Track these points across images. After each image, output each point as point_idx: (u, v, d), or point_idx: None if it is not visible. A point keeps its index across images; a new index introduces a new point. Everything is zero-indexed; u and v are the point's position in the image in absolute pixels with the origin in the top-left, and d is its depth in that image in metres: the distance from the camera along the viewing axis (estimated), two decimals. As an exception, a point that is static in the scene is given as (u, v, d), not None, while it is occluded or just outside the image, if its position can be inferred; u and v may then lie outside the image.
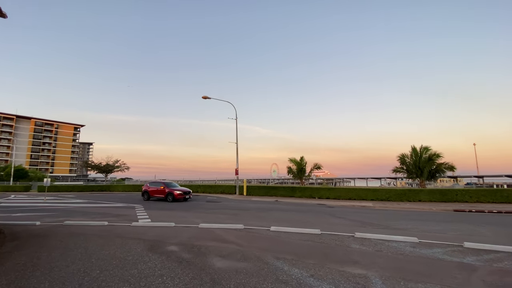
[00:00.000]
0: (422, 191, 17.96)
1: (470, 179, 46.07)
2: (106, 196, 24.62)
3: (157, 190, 18.57)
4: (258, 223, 8.86)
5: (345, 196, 19.39)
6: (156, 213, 11.90)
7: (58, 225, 8.50)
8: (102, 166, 42.17)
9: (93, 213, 11.97)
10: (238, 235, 6.95)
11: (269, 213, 12.02)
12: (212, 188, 28.52)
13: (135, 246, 5.76)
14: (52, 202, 17.92)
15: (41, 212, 12.23)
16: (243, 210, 13.02)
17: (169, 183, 19.84)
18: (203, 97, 22.62)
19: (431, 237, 6.94)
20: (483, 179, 41.39)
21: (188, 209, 13.59)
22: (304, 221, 9.54)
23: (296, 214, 11.71)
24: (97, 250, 5.44)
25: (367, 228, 8.34)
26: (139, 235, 6.96)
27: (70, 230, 7.64)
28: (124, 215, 11.20)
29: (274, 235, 6.94)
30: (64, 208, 13.99)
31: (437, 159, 19.97)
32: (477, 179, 46.67)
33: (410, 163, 21.20)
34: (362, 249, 5.64)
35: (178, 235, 6.88)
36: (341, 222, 9.44)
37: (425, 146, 20.76)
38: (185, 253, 5.19)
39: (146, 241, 6.19)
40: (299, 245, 5.92)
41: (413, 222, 9.61)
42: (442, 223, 9.66)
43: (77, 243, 6.09)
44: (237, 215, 11.33)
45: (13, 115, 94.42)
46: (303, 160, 24.96)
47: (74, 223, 8.74)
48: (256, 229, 7.71)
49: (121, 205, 15.57)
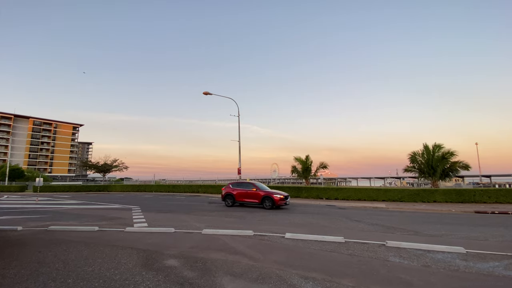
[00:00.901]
0: (437, 191, 16.93)
1: (473, 179, 45.31)
2: (103, 197, 23.61)
3: (247, 193, 14.12)
4: (269, 228, 7.82)
5: (355, 197, 18.36)
6: (154, 216, 10.87)
7: (41, 231, 7.46)
8: (100, 166, 41.09)
9: (85, 215, 10.94)
10: (248, 243, 5.91)
11: (278, 215, 10.98)
12: (214, 188, 27.49)
13: (127, 259, 4.73)
14: (44, 203, 16.89)
15: (29, 215, 11.20)
16: (249, 212, 11.99)
17: (258, 183, 15.60)
18: (204, 93, 21.58)
19: (476, 246, 5.92)
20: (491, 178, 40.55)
21: (189, 211, 12.57)
22: (319, 226, 8.52)
23: (308, 216, 10.68)
24: (78, 265, 4.41)
25: (394, 234, 7.31)
26: (133, 243, 5.92)
27: (53, 237, 6.61)
28: (118, 218, 10.17)
29: (291, 244, 5.91)
30: (55, 210, 12.96)
31: (451, 158, 18.94)
32: (479, 179, 45.94)
33: (422, 162, 20.16)
34: (404, 263, 4.60)
35: (179, 244, 5.85)
36: (361, 227, 8.41)
37: (438, 143, 19.73)
38: (187, 269, 4.16)
39: (140, 252, 5.16)
40: (325, 258, 4.88)
41: (442, 227, 8.58)
42: (473, 227, 8.64)
43: (57, 254, 5.05)
44: (243, 218, 10.30)
45: (11, 115, 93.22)
46: (309, 159, 23.93)
47: (60, 228, 7.70)
48: (269, 236, 6.67)
49: (117, 207, 14.55)
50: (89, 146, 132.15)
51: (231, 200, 14.50)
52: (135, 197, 22.63)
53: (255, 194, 13.77)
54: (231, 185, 15.24)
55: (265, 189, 14.19)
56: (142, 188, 33.62)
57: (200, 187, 28.79)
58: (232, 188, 14.90)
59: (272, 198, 13.08)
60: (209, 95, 21.71)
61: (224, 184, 31.91)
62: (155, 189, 32.17)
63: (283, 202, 13.17)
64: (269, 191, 13.64)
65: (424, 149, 20.13)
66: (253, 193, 13.88)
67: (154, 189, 32.21)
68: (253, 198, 13.81)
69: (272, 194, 13.26)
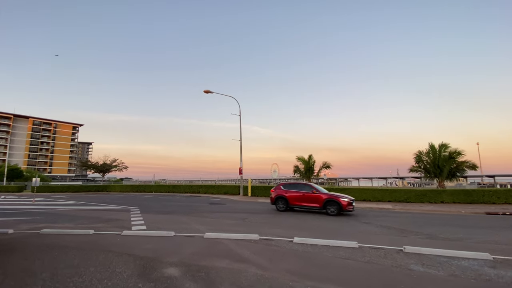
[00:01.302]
0: (445, 191, 16.47)
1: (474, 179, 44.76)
2: (102, 197, 23.17)
3: (304, 196, 12.04)
4: (275, 232, 7.38)
5: (359, 197, 17.88)
6: (153, 217, 10.43)
7: (33, 234, 7.02)
8: (99, 166, 40.64)
9: (81, 217, 10.49)
10: (255, 249, 5.46)
11: (282, 217, 10.54)
12: (215, 188, 27.05)
13: (122, 267, 4.28)
14: (40, 204, 16.45)
15: (23, 216, 10.76)
16: (252, 214, 11.55)
17: (315, 185, 13.47)
18: (205, 91, 21.14)
19: (501, 251, 5.47)
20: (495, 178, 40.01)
21: (189, 212, 12.12)
22: (328, 228, 8.07)
23: (314, 218, 10.24)
24: (68, 274, 3.96)
25: (408, 238, 6.86)
26: (129, 249, 5.48)
27: (45, 242, 6.16)
28: (116, 219, 9.73)
29: (301, 249, 5.46)
30: (51, 211, 12.52)
31: (458, 157, 18.49)
32: (480, 179, 45.31)
33: (428, 162, 19.71)
34: (428, 272, 4.16)
35: (179, 250, 5.40)
36: (373, 230, 7.96)
37: (444, 143, 19.28)
38: (189, 280, 3.72)
39: (137, 259, 4.71)
40: (341, 266, 4.43)
41: (457, 230, 8.13)
42: (490, 229, 8.20)
43: (46, 262, 4.61)
44: (246, 220, 9.85)
45: (11, 114, 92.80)
46: (312, 159, 23.49)
47: (53, 231, 7.25)
48: (276, 241, 6.22)
49: (115, 208, 14.11)
50: (89, 146, 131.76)
51: (284, 203, 12.47)
52: (134, 198, 22.20)
53: (316, 198, 11.74)
54: (282, 187, 13.14)
55: (325, 192, 12.13)
56: (141, 188, 33.18)
57: (201, 187, 28.35)
58: (283, 189, 12.81)
59: (338, 203, 11.02)
60: (210, 93, 21.27)
61: (227, 185, 31.45)
62: (155, 189, 31.73)
63: (351, 208, 11.21)
64: (333, 194, 11.63)
65: (430, 149, 19.68)
66: (313, 196, 11.86)
67: (154, 189, 31.77)
68: (313, 202, 11.78)
69: (338, 197, 11.25)
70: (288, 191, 12.64)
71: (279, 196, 12.72)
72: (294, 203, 12.27)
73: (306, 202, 11.99)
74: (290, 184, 13.46)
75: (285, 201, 12.45)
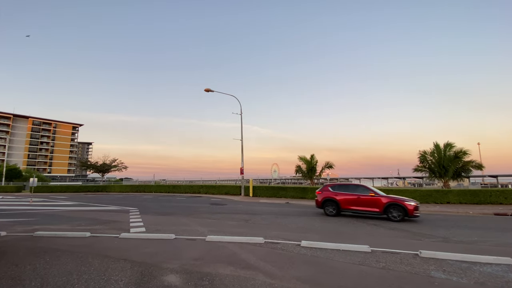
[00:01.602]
0: (451, 192, 16.14)
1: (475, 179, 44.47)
2: (101, 198, 22.84)
3: (360, 199, 10.61)
4: (281, 234, 7.04)
5: (363, 198, 17.53)
6: (152, 219, 10.10)
7: (26, 237, 6.68)
8: (98, 166, 40.29)
9: (78, 218, 10.16)
10: (261, 254, 5.13)
11: (287, 218, 10.20)
12: (215, 188, 26.72)
13: (118, 275, 3.95)
14: (38, 204, 16.12)
15: (18, 218, 10.43)
16: (255, 215, 11.21)
17: (371, 186, 12.18)
18: (206, 90, 20.81)
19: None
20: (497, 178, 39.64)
21: (190, 213, 11.79)
22: (335, 231, 7.74)
23: (320, 220, 9.90)
24: (59, 283, 3.63)
25: (422, 241, 6.53)
26: (127, 253, 5.14)
27: (38, 245, 5.83)
28: (114, 221, 9.39)
29: (309, 254, 5.12)
30: (47, 212, 12.18)
31: (463, 157, 18.15)
32: (481, 179, 44.99)
33: (433, 162, 19.36)
34: (452, 280, 3.82)
35: (180, 254, 5.07)
36: (382, 232, 7.63)
37: (449, 142, 18.93)
38: (192, 290, 3.38)
39: (135, 265, 4.38)
40: (356, 273, 4.09)
41: (470, 232, 7.80)
42: (503, 232, 7.88)
43: (37, 268, 4.28)
44: (250, 221, 9.52)
45: (10, 114, 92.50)
46: (314, 159, 23.14)
47: (47, 234, 6.91)
48: (282, 244, 5.89)
49: (114, 208, 13.78)
50: (89, 146, 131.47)
51: (335, 208, 10.98)
52: (134, 198, 21.87)
53: (374, 201, 10.31)
54: (330, 188, 11.61)
55: (383, 194, 10.65)
56: (141, 188, 32.85)
57: (201, 188, 28.01)
58: (333, 191, 11.34)
59: (403, 207, 9.66)
60: (210, 91, 20.94)
61: (228, 185, 30.92)
62: (154, 190, 31.40)
63: (417, 213, 9.83)
64: (395, 197, 10.27)
65: (435, 148, 19.33)
66: (370, 199, 10.42)
67: (153, 190, 31.44)
68: (370, 206, 10.35)
69: (403, 201, 9.88)
70: (339, 193, 11.17)
71: (328, 199, 11.28)
72: (347, 207, 10.82)
73: (362, 206, 10.55)
74: (340, 185, 12.09)
75: (335, 205, 11.00)
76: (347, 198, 10.91)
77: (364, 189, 11.10)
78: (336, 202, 11.04)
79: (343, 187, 11.79)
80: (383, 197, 10.36)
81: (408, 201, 9.93)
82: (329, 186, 11.87)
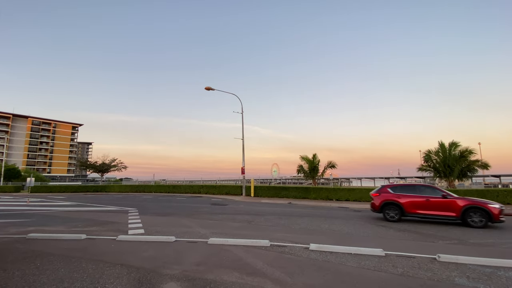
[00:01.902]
0: (457, 192, 15.76)
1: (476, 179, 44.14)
2: (100, 198, 22.50)
3: (430, 202, 9.19)
4: (287, 236, 6.69)
5: (368, 198, 17.15)
6: (152, 219, 9.75)
7: (19, 239, 6.34)
8: (97, 166, 39.90)
9: (75, 219, 9.82)
10: (268, 258, 4.78)
11: (291, 219, 9.85)
12: (216, 188, 26.36)
13: (113, 282, 3.60)
14: (35, 205, 15.77)
15: (13, 218, 10.08)
16: (258, 215, 10.86)
17: (441, 188, 10.82)
18: (206, 88, 20.46)
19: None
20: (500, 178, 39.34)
21: (191, 214, 11.44)
22: (343, 233, 7.38)
23: (325, 221, 9.54)
24: (48, 292, 3.29)
25: (436, 243, 6.19)
26: (124, 257, 4.80)
27: (30, 248, 5.48)
28: (112, 222, 9.05)
29: (320, 259, 4.77)
30: (44, 213, 11.84)
31: (469, 156, 17.80)
32: (482, 179, 44.70)
33: (437, 161, 19.00)
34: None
35: (181, 259, 4.72)
36: (393, 234, 7.27)
37: (454, 141, 18.57)
38: (194, 301, 3.04)
39: (132, 271, 4.03)
40: (374, 281, 3.74)
41: (484, 233, 7.45)
42: (520, 234, 7.51)
43: (25, 275, 3.94)
44: (253, 222, 9.17)
45: (10, 114, 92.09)
46: (316, 158, 22.78)
47: (41, 236, 6.57)
48: (290, 247, 5.54)
49: (113, 209, 13.44)
50: (89, 146, 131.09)
51: (397, 212, 9.55)
52: (133, 198, 21.52)
53: (448, 204, 8.92)
54: (390, 190, 10.17)
55: (457, 196, 9.26)
56: (141, 188, 32.50)
57: (202, 188, 27.66)
58: (393, 193, 9.90)
59: (486, 210, 8.36)
60: (211, 90, 20.60)
61: (229, 185, 30.56)
62: (154, 190, 31.06)
63: (503, 217, 8.45)
64: (475, 200, 8.93)
65: (440, 148, 18.96)
66: (443, 202, 9.03)
67: (153, 190, 31.10)
68: (444, 209, 8.97)
69: (485, 203, 8.57)
70: (402, 195, 9.72)
71: (389, 202, 9.83)
72: (413, 211, 9.37)
73: (432, 210, 9.14)
74: (403, 186, 10.51)
75: (398, 209, 9.56)
76: (413, 201, 9.46)
77: (433, 190, 9.79)
78: (398, 206, 9.59)
79: (406, 188, 10.27)
80: (459, 199, 9.04)
81: (492, 204, 8.62)
82: (388, 187, 10.50)
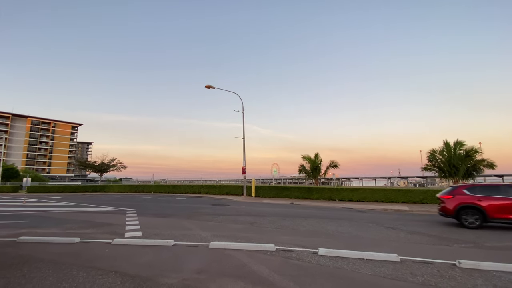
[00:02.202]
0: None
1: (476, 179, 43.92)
2: (98, 198, 22.14)
3: None
4: (292, 240, 6.33)
5: (371, 198, 16.87)
6: (150, 221, 9.39)
7: (8, 243, 5.98)
8: (96, 165, 39.53)
9: (70, 221, 9.46)
10: (274, 265, 4.42)
11: (295, 221, 9.49)
12: (216, 188, 26.00)
13: (105, 293, 3.24)
14: (31, 205, 15.41)
15: (6, 220, 9.72)
16: (260, 217, 10.51)
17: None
18: (206, 86, 20.11)
19: None
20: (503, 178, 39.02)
21: (191, 215, 11.08)
22: (351, 235, 7.02)
23: (331, 222, 9.18)
24: (30, 306, 2.93)
25: (451, 247, 5.84)
26: (119, 264, 4.44)
27: (19, 253, 5.13)
28: (108, 224, 8.68)
29: (331, 265, 4.41)
30: (39, 214, 11.48)
31: (475, 155, 17.44)
32: (483, 179, 44.53)
33: (442, 160, 18.64)
34: (514, 301, 3.12)
35: (180, 265, 4.36)
36: (404, 237, 6.91)
37: (459, 140, 18.21)
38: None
39: (126, 280, 3.67)
40: (393, 291, 3.39)
41: (496, 235, 7.13)
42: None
43: (10, 284, 3.58)
44: (255, 224, 8.81)
45: (9, 114, 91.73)
46: (318, 158, 22.36)
47: (32, 239, 6.21)
48: (297, 252, 5.18)
49: (110, 209, 13.08)
50: (88, 146, 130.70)
51: (478, 217, 8.16)
52: (132, 198, 21.16)
53: None
54: (466, 191, 8.74)
55: None
56: (140, 188, 32.13)
57: (202, 188, 27.29)
58: (472, 195, 8.51)
59: None
60: (211, 88, 20.24)
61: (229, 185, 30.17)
62: (154, 190, 30.69)
63: None
64: None
65: (445, 147, 18.59)
66: None
67: (153, 190, 30.73)
68: None
69: None
70: (483, 197, 8.30)
71: (467, 205, 8.40)
72: (499, 215, 8.00)
73: None
74: (483, 186, 9.10)
75: (479, 213, 8.17)
76: (498, 204, 8.08)
77: None
78: (480, 210, 8.20)
79: (489, 188, 8.80)
80: None
81: None
82: (463, 188, 8.99)
